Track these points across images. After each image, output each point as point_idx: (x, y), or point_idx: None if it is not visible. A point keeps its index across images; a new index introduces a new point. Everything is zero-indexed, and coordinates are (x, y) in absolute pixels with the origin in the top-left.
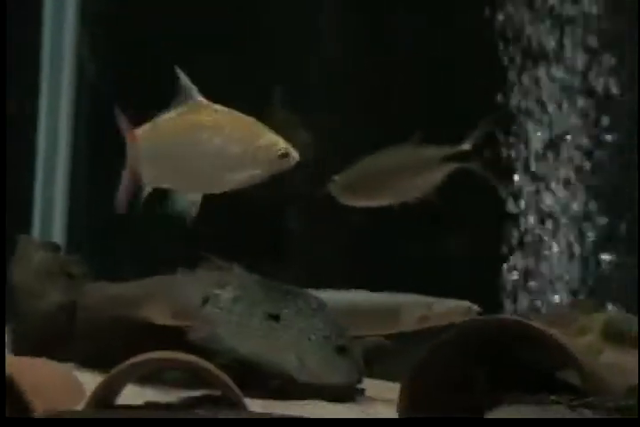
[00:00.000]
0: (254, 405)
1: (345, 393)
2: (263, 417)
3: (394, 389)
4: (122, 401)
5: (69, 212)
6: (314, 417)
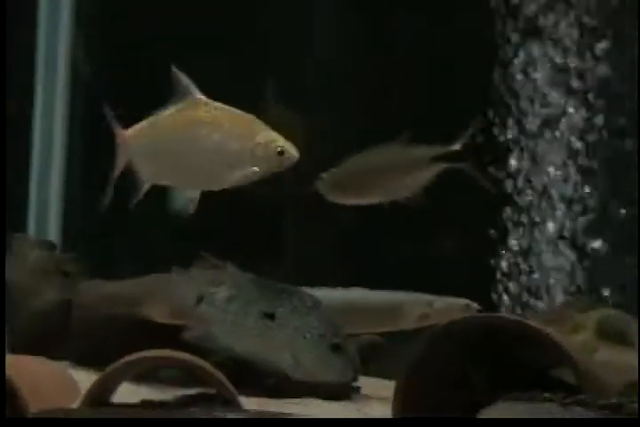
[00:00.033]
0: (249, 403)
1: (340, 391)
2: (258, 417)
3: (389, 387)
4: (117, 399)
5: (64, 210)
6: (309, 415)
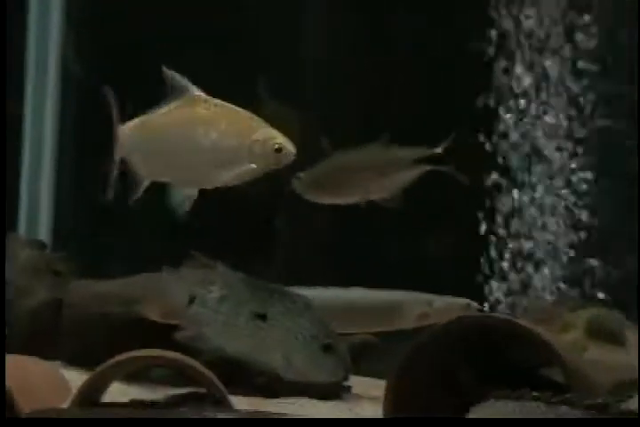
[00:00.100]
0: (240, 402)
1: (331, 391)
2: (249, 416)
3: (380, 386)
4: (108, 399)
5: (55, 210)
6: (300, 415)
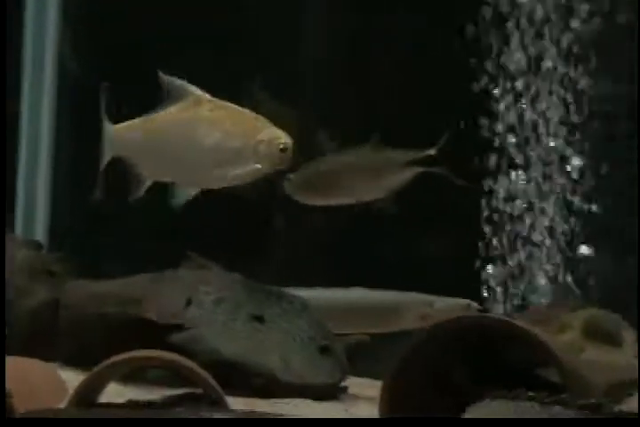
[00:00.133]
0: (236, 403)
1: (328, 392)
2: (245, 416)
3: (376, 386)
4: (104, 399)
5: (52, 210)
6: (296, 415)
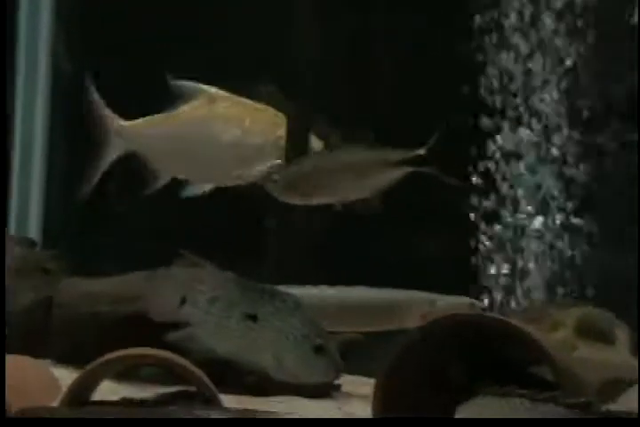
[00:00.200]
0: (229, 401)
1: (322, 391)
2: (239, 415)
3: (370, 384)
4: (98, 397)
5: (45, 207)
6: (288, 412)
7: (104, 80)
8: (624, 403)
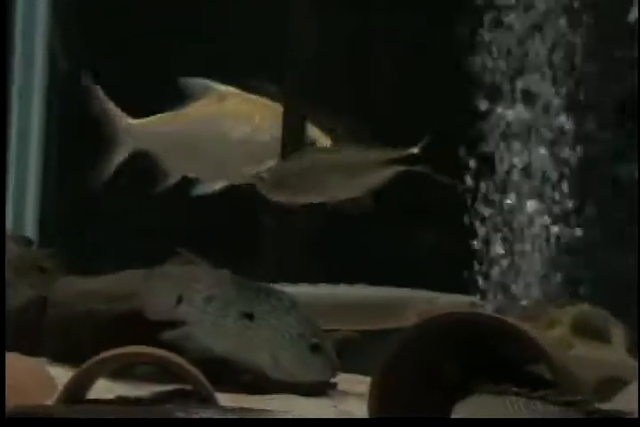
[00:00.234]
0: (225, 399)
1: (318, 390)
2: (235, 414)
3: (365, 382)
4: (93, 395)
5: (41, 205)
6: (283, 411)
7: (103, 78)
8: (620, 402)
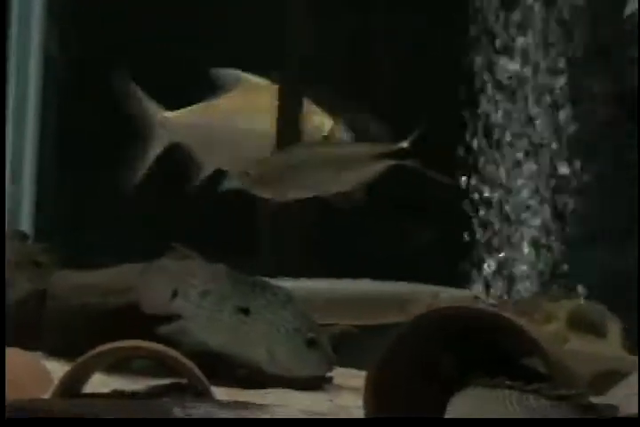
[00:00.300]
0: (220, 393)
1: (314, 385)
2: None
3: (361, 377)
4: (89, 389)
5: (37, 201)
6: (279, 405)
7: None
8: (613, 396)
